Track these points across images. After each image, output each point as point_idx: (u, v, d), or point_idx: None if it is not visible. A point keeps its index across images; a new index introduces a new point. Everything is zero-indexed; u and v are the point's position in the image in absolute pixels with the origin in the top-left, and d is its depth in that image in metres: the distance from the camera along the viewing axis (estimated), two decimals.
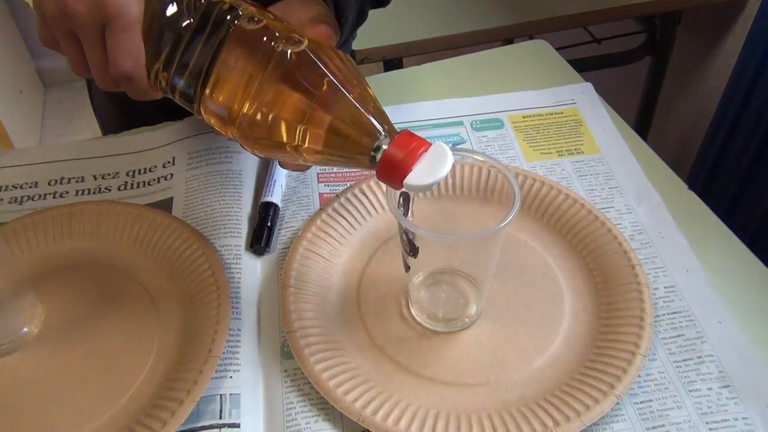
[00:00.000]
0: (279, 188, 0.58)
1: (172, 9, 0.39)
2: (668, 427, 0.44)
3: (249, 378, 0.47)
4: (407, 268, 0.47)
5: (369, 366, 0.47)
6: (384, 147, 0.36)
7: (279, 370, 0.48)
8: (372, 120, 0.36)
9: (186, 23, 0.38)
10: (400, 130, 0.37)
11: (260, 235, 0.55)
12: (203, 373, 0.44)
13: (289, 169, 0.56)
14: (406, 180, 0.36)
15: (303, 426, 0.44)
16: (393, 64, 1.09)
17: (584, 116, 0.68)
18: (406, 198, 0.44)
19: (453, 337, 0.49)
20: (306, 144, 0.36)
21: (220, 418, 0.44)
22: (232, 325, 0.49)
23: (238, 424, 0.44)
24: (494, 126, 0.67)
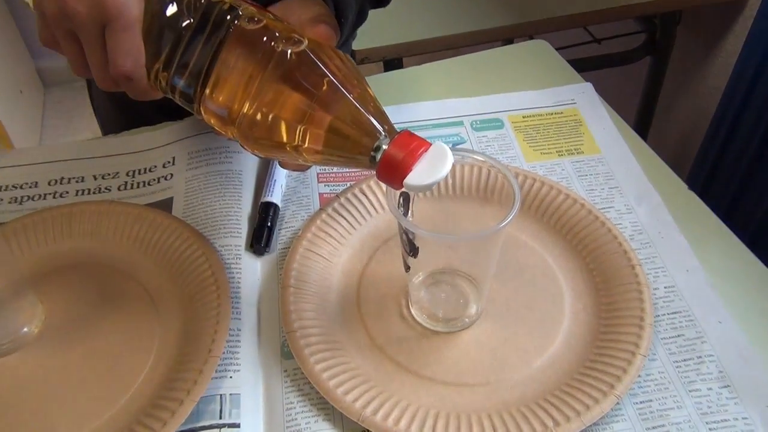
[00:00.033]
0: (279, 188, 0.58)
1: (172, 9, 0.39)
2: (668, 427, 0.44)
3: (249, 378, 0.47)
4: (407, 268, 0.47)
5: (369, 366, 0.47)
6: (384, 147, 0.36)
7: (279, 370, 0.48)
8: (372, 120, 0.36)
9: (186, 23, 0.38)
10: (400, 130, 0.37)
11: (260, 235, 0.55)
12: (203, 373, 0.44)
13: (289, 169, 0.57)
14: (406, 180, 0.36)
15: (303, 426, 0.44)
16: (393, 64, 1.09)
17: (584, 116, 0.68)
18: (406, 198, 0.44)
19: (453, 337, 0.49)
20: (306, 144, 0.36)
21: (220, 418, 0.44)
22: (232, 325, 0.49)
23: (238, 424, 0.44)
24: (494, 126, 0.67)
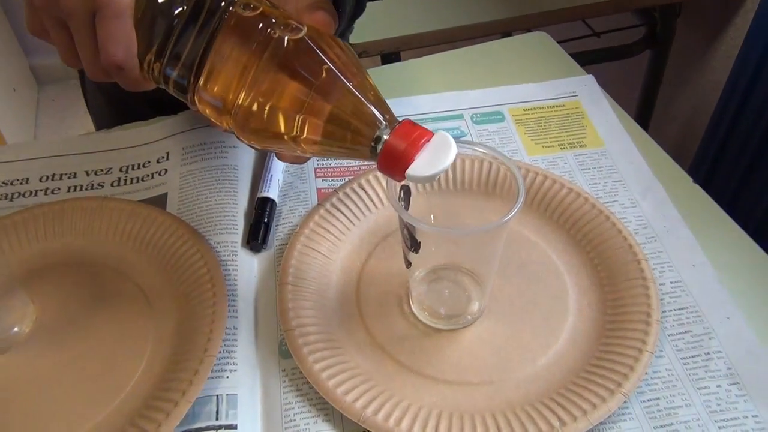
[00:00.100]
0: (276, 183, 0.57)
1: None
2: (677, 426, 0.43)
3: (246, 378, 0.46)
4: (408, 264, 0.46)
5: (369, 365, 0.46)
6: (385, 137, 0.35)
7: (277, 370, 0.47)
8: (373, 109, 0.35)
9: (179, 10, 0.37)
10: (402, 119, 0.36)
11: (257, 232, 0.54)
12: (199, 373, 0.43)
13: (286, 161, 0.55)
14: (409, 171, 0.35)
15: (302, 427, 0.43)
16: (391, 58, 1.08)
17: (586, 109, 0.67)
18: (407, 191, 0.43)
19: (455, 335, 0.48)
20: (304, 134, 0.35)
21: (217, 420, 0.43)
22: (229, 324, 0.48)
23: (235, 426, 0.43)
24: (495, 119, 0.66)
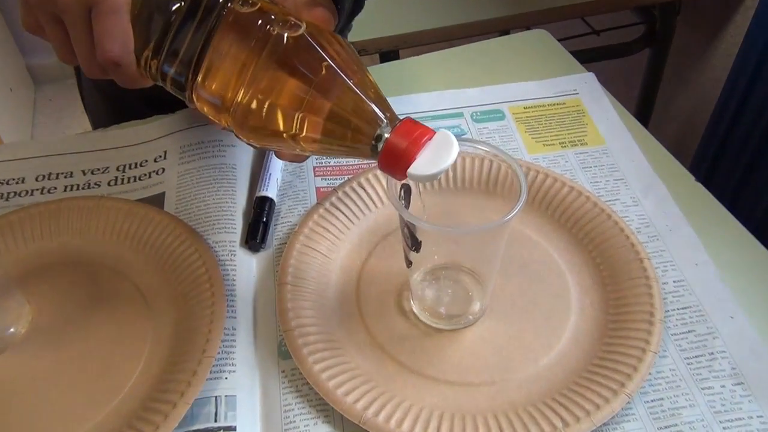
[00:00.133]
0: (274, 182, 0.57)
1: None
2: (681, 427, 0.43)
3: (245, 379, 0.45)
4: (409, 264, 0.46)
5: (370, 366, 0.46)
6: (386, 135, 0.34)
7: (276, 371, 0.46)
8: (373, 107, 0.35)
9: (176, 6, 0.36)
10: (403, 117, 0.35)
11: (255, 231, 0.53)
12: (197, 375, 0.43)
13: (285, 160, 0.55)
14: (410, 170, 0.34)
15: (302, 429, 0.43)
16: (389, 57, 1.08)
17: (587, 107, 0.66)
18: (408, 190, 0.42)
19: (456, 335, 0.48)
20: (304, 132, 0.35)
21: (215, 422, 0.42)
22: (227, 324, 0.47)
23: (234, 428, 0.42)
24: (495, 117, 0.65)
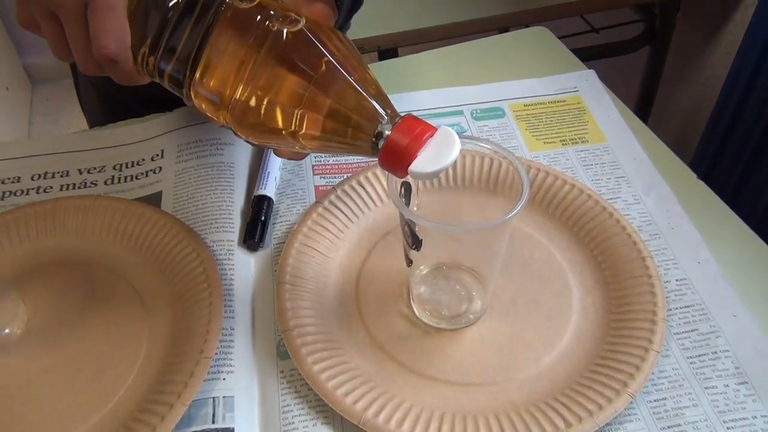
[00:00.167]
0: (273, 181, 0.56)
1: None
2: (684, 427, 0.42)
3: (243, 380, 0.45)
4: (409, 263, 0.45)
5: (369, 366, 0.45)
6: (387, 132, 0.34)
7: (275, 371, 0.46)
8: (374, 104, 0.34)
9: (174, 2, 0.36)
10: (404, 114, 0.35)
11: (254, 230, 0.53)
12: (195, 375, 0.42)
13: (284, 157, 0.54)
14: (411, 167, 0.34)
15: (301, 430, 0.42)
16: (388, 54, 1.07)
17: (588, 104, 0.66)
18: (408, 188, 0.42)
19: (457, 335, 0.47)
20: (303, 130, 0.34)
21: (213, 423, 0.42)
22: (225, 324, 0.47)
23: (232, 429, 0.42)
24: (495, 115, 0.65)
